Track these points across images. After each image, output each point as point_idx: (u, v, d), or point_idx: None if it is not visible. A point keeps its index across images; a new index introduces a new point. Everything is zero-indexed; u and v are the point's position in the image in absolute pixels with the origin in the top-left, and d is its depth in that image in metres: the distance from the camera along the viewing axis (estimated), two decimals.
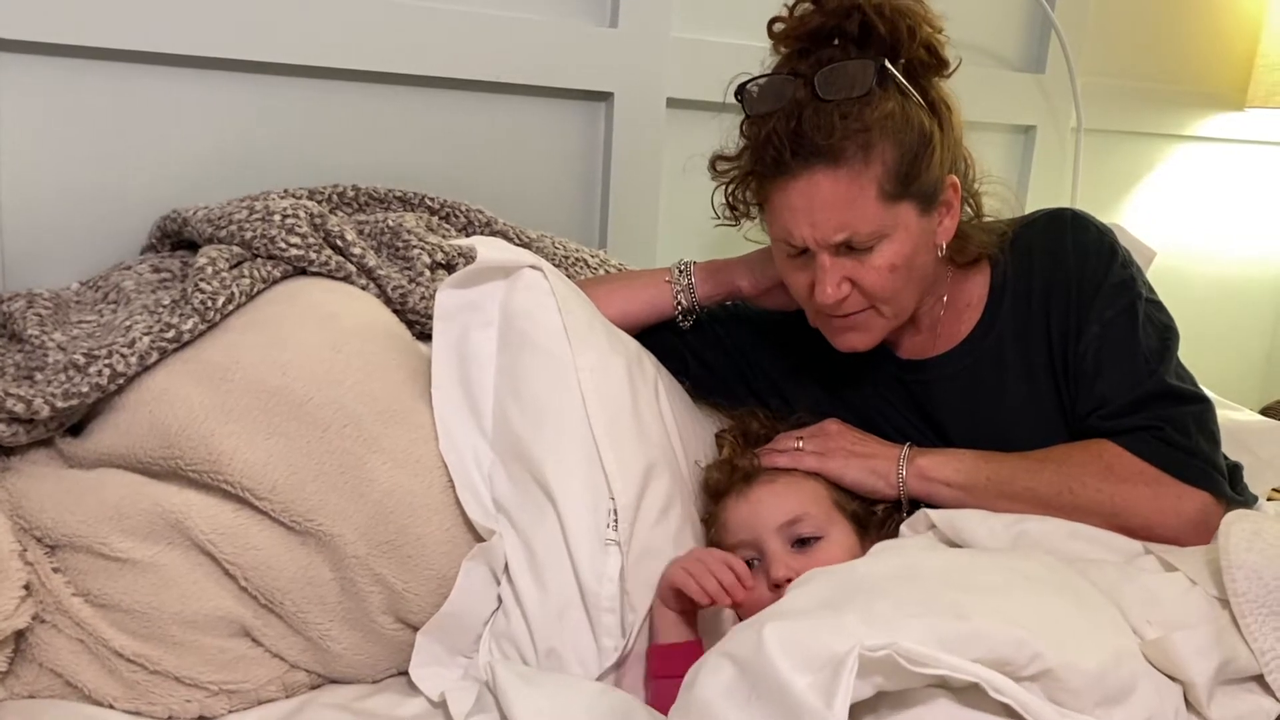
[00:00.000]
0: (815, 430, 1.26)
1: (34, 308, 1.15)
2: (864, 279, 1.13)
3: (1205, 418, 1.15)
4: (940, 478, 1.19)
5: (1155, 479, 1.12)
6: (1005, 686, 0.80)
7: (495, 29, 1.52)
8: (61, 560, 1.05)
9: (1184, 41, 2.41)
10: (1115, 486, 1.12)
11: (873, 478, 1.20)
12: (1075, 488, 1.13)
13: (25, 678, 1.03)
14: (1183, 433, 1.12)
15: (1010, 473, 1.16)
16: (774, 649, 0.80)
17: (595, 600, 1.07)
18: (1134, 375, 1.15)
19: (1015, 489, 1.16)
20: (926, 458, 1.20)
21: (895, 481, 1.20)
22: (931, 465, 1.19)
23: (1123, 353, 1.16)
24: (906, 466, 1.20)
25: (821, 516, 1.16)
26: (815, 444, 1.23)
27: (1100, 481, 1.13)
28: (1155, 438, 1.12)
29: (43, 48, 1.25)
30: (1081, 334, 1.18)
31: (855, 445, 1.23)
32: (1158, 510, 1.11)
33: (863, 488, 1.20)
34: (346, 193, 1.40)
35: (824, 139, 1.07)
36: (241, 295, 1.16)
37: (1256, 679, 0.96)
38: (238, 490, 1.06)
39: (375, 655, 1.14)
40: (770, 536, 1.15)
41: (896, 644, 0.78)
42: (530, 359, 1.17)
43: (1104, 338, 1.17)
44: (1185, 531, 1.11)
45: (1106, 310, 1.17)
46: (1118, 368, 1.16)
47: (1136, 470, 1.12)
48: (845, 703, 0.75)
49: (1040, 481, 1.15)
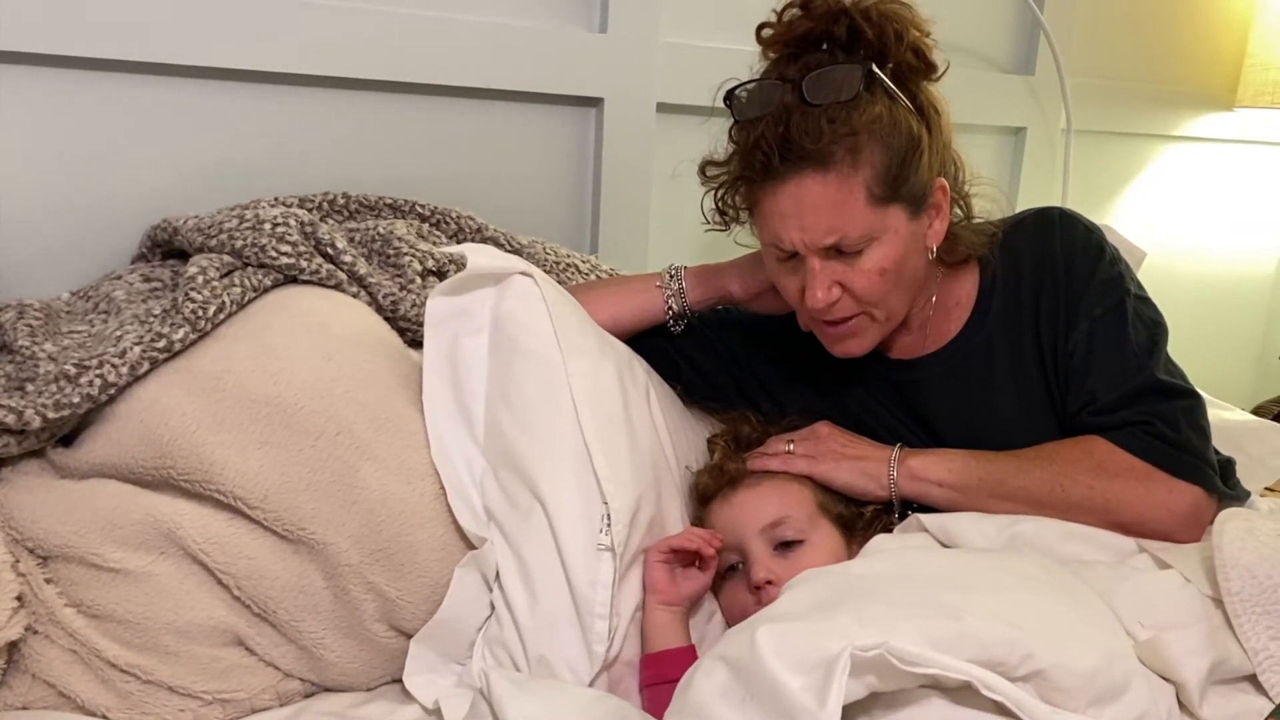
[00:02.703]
0: (806, 433, 1.26)
1: (25, 318, 1.15)
2: (854, 283, 1.14)
3: (1195, 412, 1.15)
4: (932, 478, 1.19)
5: (1146, 474, 1.12)
6: (998, 685, 0.80)
7: (485, 36, 1.52)
8: (54, 571, 1.05)
9: (1173, 42, 2.42)
10: (1106, 483, 1.13)
11: (864, 479, 1.21)
12: (1067, 485, 1.14)
13: (18, 689, 1.03)
14: (1172, 427, 1.13)
15: (1002, 472, 1.17)
16: (767, 650, 0.80)
17: (588, 606, 1.07)
18: (1123, 371, 1.15)
19: (1007, 488, 1.16)
20: (917, 458, 1.21)
21: (886, 483, 1.20)
22: (923, 466, 1.20)
23: (1112, 349, 1.16)
24: (898, 467, 1.20)
25: (804, 520, 1.16)
26: (806, 447, 1.24)
27: (1092, 478, 1.13)
28: (1145, 433, 1.13)
29: (32, 58, 1.25)
30: (1071, 331, 1.18)
31: (846, 447, 1.24)
32: (1149, 505, 1.12)
33: (854, 489, 1.21)
34: (337, 200, 1.40)
35: (812, 144, 1.08)
36: (232, 304, 1.16)
37: (1249, 678, 0.97)
38: (230, 499, 1.06)
39: (369, 663, 1.14)
40: (752, 539, 1.15)
41: (888, 643, 0.78)
42: (521, 365, 1.17)
43: (1093, 334, 1.17)
44: (1177, 526, 1.11)
45: (1095, 307, 1.18)
46: (1107, 364, 1.16)
47: (1127, 466, 1.13)
48: (838, 702, 0.75)
49: (1032, 480, 1.15)
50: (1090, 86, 2.23)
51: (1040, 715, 0.80)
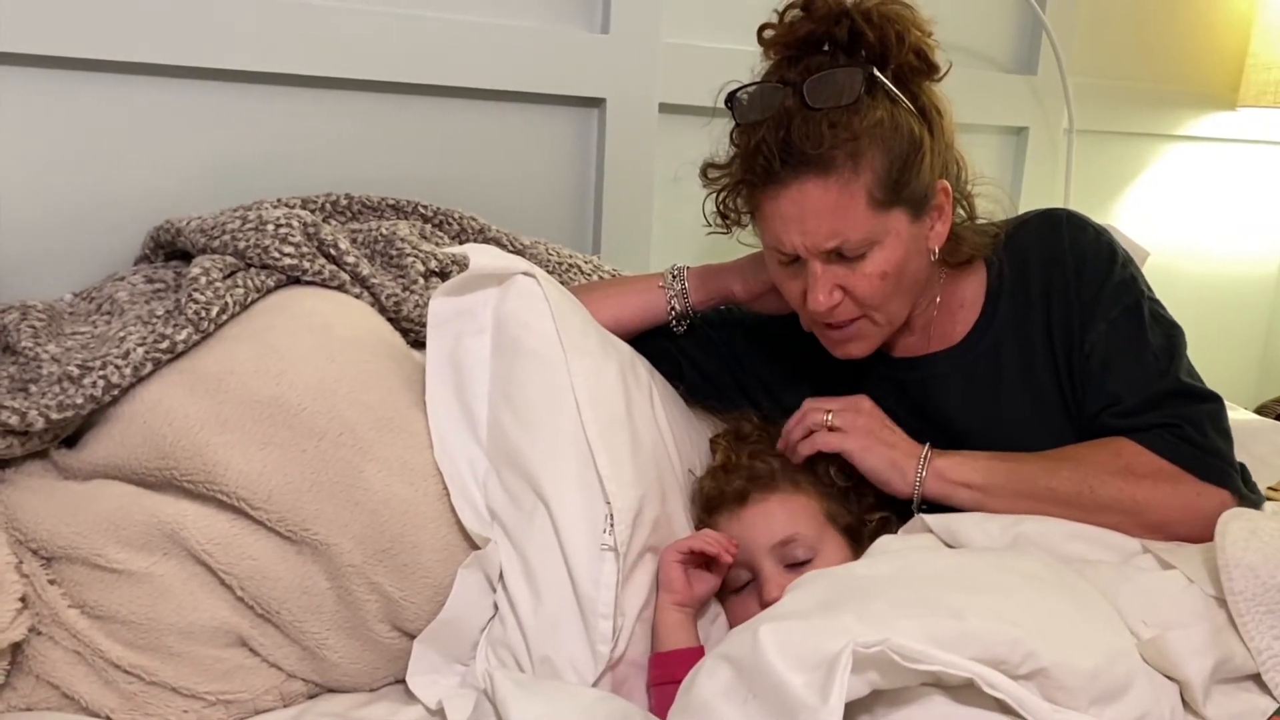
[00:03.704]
0: (848, 404, 1.21)
1: (28, 320, 1.15)
2: (856, 286, 1.14)
3: (1219, 416, 1.15)
4: (959, 479, 1.16)
5: (1175, 476, 1.11)
6: (1000, 682, 0.80)
7: (487, 36, 1.52)
8: (57, 572, 1.05)
9: (1175, 41, 2.42)
10: (1135, 485, 1.11)
11: (891, 470, 1.17)
12: (1095, 486, 1.12)
13: (22, 690, 1.03)
14: (1199, 431, 1.12)
15: (1030, 473, 1.15)
16: (770, 649, 0.80)
17: (591, 606, 1.07)
18: (1146, 373, 1.15)
19: (1035, 488, 1.14)
20: (945, 459, 1.17)
21: (913, 479, 1.16)
22: (950, 466, 1.17)
23: (1132, 351, 1.16)
24: (926, 467, 1.17)
25: (813, 535, 1.16)
26: (845, 419, 1.19)
27: (1121, 480, 1.12)
28: (1174, 435, 1.12)
29: (34, 59, 1.25)
30: (1087, 333, 1.18)
31: (883, 431, 1.20)
32: (1177, 508, 1.11)
33: (877, 477, 1.18)
34: (339, 201, 1.41)
35: (813, 148, 1.07)
36: (235, 305, 1.17)
37: (1253, 677, 0.97)
38: (233, 500, 1.06)
39: (372, 664, 1.14)
40: (763, 558, 1.15)
41: (890, 640, 0.79)
42: (524, 365, 1.17)
43: (1111, 336, 1.17)
44: (1205, 529, 1.09)
45: (1112, 309, 1.17)
46: (1128, 366, 1.16)
47: (1156, 468, 1.12)
48: (840, 699, 0.76)
49: (1060, 480, 1.13)
50: (1092, 86, 2.23)
51: (1042, 714, 0.80)
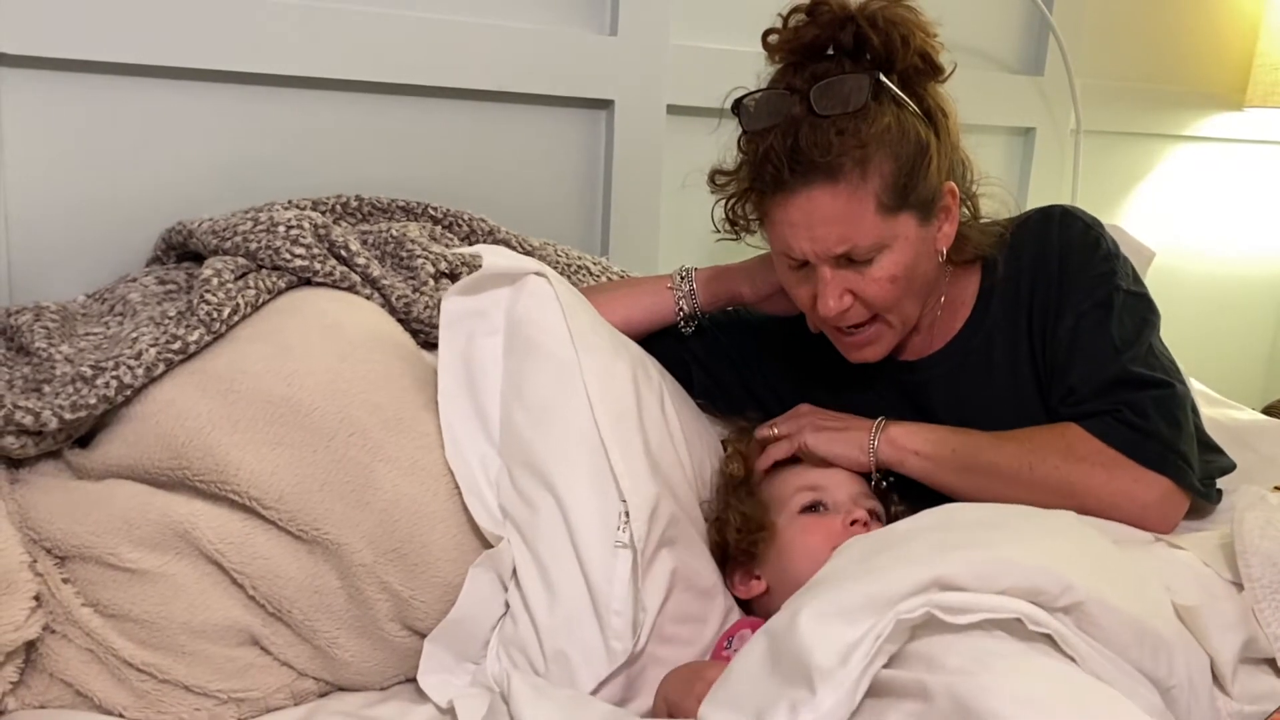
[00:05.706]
0: (787, 415, 1.29)
1: (41, 320, 1.16)
2: (865, 290, 1.14)
3: (1169, 403, 1.14)
4: (910, 446, 1.21)
5: (1113, 461, 1.13)
6: (1045, 620, 0.83)
7: (496, 39, 1.53)
8: (71, 571, 1.06)
9: (1182, 42, 2.41)
10: (1073, 466, 1.13)
11: (847, 446, 1.22)
12: (1035, 464, 1.15)
13: (36, 688, 1.04)
14: (1140, 415, 1.13)
15: (975, 447, 1.18)
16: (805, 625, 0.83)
17: (605, 602, 1.07)
18: (1101, 364, 1.16)
19: (979, 462, 1.17)
20: (899, 427, 1.23)
21: (868, 447, 1.22)
22: (902, 434, 1.22)
23: (1093, 344, 1.17)
24: (879, 435, 1.22)
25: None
26: (787, 425, 1.27)
27: (1060, 460, 1.14)
28: (1114, 420, 1.14)
29: (47, 62, 1.26)
30: (1058, 327, 1.20)
31: (828, 419, 1.26)
32: (1112, 492, 1.13)
33: (838, 458, 1.22)
34: (350, 203, 1.41)
35: (821, 156, 1.08)
36: (247, 306, 1.17)
37: (1269, 662, 0.98)
38: (245, 500, 1.06)
39: (383, 663, 1.14)
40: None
41: (933, 600, 0.82)
42: (536, 365, 1.17)
43: (1077, 329, 1.18)
44: (1144, 516, 1.12)
45: (1083, 302, 1.19)
46: (1087, 358, 1.17)
47: (1095, 450, 1.13)
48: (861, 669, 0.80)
49: (1002, 456, 1.16)
50: (1099, 87, 2.23)
51: (1082, 651, 0.83)
